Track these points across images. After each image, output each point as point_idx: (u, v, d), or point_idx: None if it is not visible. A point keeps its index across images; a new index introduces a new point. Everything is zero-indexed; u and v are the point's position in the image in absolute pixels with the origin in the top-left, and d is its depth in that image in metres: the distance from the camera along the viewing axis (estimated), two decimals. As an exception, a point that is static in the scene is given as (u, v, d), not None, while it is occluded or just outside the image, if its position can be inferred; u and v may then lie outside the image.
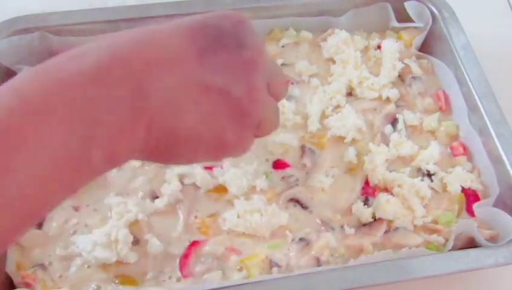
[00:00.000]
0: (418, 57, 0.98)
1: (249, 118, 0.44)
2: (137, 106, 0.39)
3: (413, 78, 0.95)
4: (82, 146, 0.37)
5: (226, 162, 0.84)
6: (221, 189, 0.82)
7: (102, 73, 0.39)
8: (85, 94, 0.37)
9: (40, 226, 0.77)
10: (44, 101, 0.37)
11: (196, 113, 0.41)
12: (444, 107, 0.92)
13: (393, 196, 0.81)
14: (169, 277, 0.75)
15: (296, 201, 0.82)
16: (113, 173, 0.83)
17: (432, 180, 0.84)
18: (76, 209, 0.80)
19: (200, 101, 0.41)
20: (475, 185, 0.83)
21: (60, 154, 0.37)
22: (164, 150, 0.42)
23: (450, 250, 0.74)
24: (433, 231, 0.79)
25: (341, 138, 0.88)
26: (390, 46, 0.96)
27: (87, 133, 0.37)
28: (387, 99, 0.93)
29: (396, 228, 0.79)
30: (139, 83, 0.39)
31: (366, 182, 0.84)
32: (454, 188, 0.82)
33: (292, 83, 0.94)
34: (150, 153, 0.42)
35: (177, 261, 0.76)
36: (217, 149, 0.44)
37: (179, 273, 0.75)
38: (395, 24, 1.00)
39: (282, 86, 0.52)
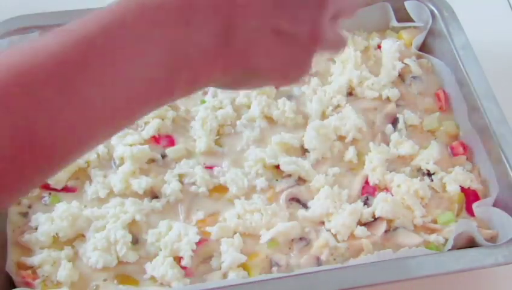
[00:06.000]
0: (418, 57, 0.98)
1: (309, 57, 0.50)
2: (222, 43, 0.43)
3: (413, 77, 0.95)
4: (168, 75, 0.42)
5: (226, 162, 0.85)
6: (221, 189, 0.82)
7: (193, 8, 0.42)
8: (176, 29, 0.42)
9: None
10: (138, 25, 0.41)
11: (270, 54, 0.47)
12: (444, 107, 0.92)
13: (393, 195, 0.81)
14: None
15: (296, 200, 0.82)
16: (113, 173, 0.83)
17: (431, 180, 0.84)
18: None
19: (275, 43, 0.47)
20: (475, 185, 0.83)
21: (148, 78, 0.41)
22: (239, 81, 0.48)
23: (449, 250, 0.74)
24: (433, 231, 0.79)
25: (341, 138, 0.88)
26: (390, 46, 0.96)
27: (174, 64, 0.42)
28: (388, 99, 0.93)
29: (396, 228, 0.79)
30: (229, 22, 0.43)
31: (366, 182, 0.84)
32: (454, 188, 0.82)
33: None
34: (225, 83, 0.48)
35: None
36: (282, 81, 0.52)
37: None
38: (395, 24, 1.00)
39: (348, 15, 0.56)
